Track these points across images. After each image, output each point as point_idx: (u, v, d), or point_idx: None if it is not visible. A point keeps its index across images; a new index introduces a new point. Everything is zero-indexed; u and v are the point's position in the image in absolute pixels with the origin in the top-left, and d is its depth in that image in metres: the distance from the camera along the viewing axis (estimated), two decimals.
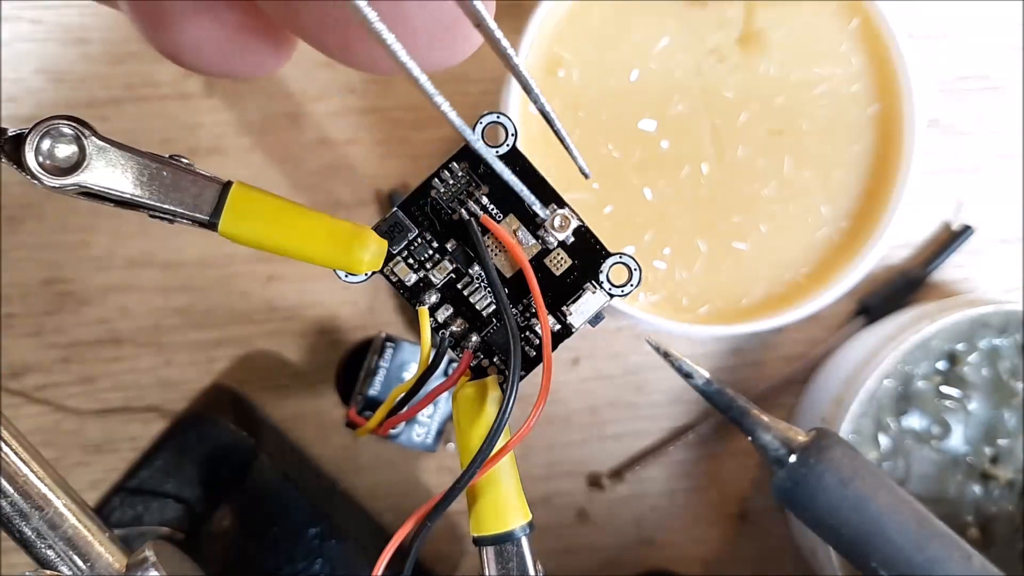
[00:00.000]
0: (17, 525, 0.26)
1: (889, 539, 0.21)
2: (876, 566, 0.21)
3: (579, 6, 0.42)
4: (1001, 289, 0.48)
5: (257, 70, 0.22)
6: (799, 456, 0.21)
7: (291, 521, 0.42)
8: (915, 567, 0.21)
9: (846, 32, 0.43)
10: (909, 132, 0.42)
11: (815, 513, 0.21)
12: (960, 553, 0.21)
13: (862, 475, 0.21)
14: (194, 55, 0.22)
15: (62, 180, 0.20)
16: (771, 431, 0.21)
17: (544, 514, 0.47)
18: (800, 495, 0.21)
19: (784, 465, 0.21)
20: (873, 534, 0.21)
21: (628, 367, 0.47)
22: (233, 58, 0.22)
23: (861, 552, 0.21)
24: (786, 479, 0.21)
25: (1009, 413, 0.42)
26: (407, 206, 0.24)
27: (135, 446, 0.45)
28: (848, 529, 0.21)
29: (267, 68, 0.23)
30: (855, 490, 0.21)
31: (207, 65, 0.22)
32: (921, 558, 0.21)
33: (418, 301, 0.24)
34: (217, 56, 0.21)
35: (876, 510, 0.21)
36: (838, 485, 0.21)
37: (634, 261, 0.24)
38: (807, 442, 0.21)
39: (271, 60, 0.22)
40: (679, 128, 0.43)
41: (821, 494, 0.21)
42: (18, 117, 0.44)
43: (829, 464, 0.21)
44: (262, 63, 0.22)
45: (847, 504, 0.21)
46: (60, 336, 0.45)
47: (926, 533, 0.21)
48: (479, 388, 0.23)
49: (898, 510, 0.21)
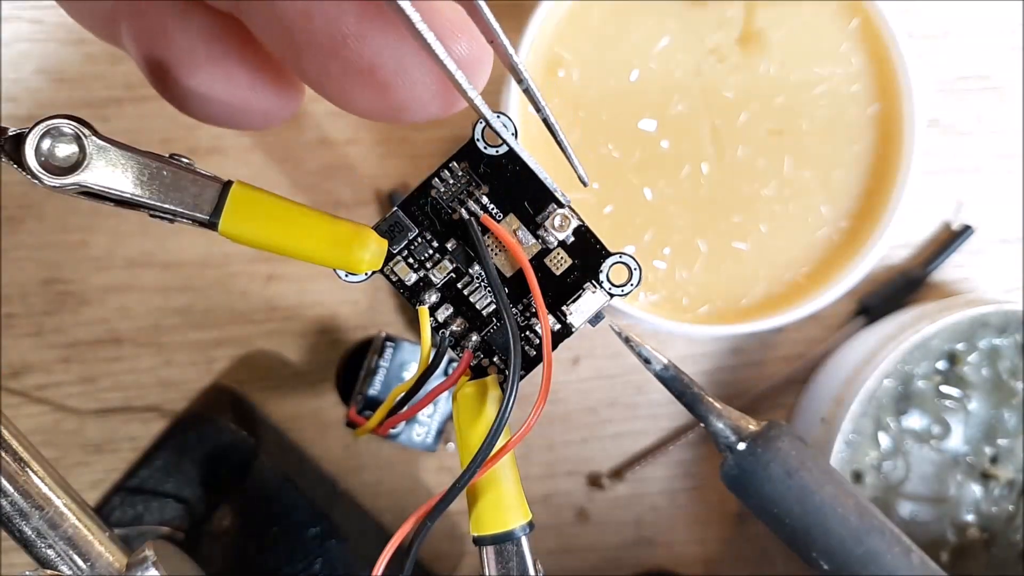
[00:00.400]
0: (17, 524, 0.26)
1: (830, 530, 0.22)
2: (817, 556, 0.21)
3: (579, 6, 0.42)
4: (1001, 289, 0.48)
5: (262, 124, 0.23)
6: (748, 444, 0.21)
7: (291, 521, 0.42)
8: (853, 560, 0.22)
9: (846, 32, 0.43)
10: (909, 132, 0.42)
11: (760, 501, 0.22)
12: (900, 548, 0.22)
13: (808, 467, 0.22)
14: (201, 108, 0.22)
15: (62, 180, 0.20)
16: (723, 418, 0.22)
17: (544, 514, 0.47)
18: (746, 482, 0.22)
19: (733, 452, 0.21)
20: (815, 525, 0.22)
21: (628, 367, 0.47)
22: (239, 112, 0.22)
23: (803, 542, 0.22)
24: (734, 466, 0.22)
25: (1009, 413, 0.42)
26: (407, 206, 0.24)
27: (135, 446, 0.45)
28: (791, 519, 0.22)
29: (272, 123, 0.23)
30: (799, 480, 0.21)
31: (214, 118, 0.22)
32: (860, 551, 0.22)
33: (418, 300, 0.24)
34: (224, 110, 0.22)
35: (819, 501, 0.21)
36: (783, 475, 0.21)
37: (634, 261, 0.24)
38: (756, 432, 0.21)
39: (276, 115, 0.23)
40: (679, 128, 0.43)
41: (767, 482, 0.21)
42: (18, 117, 0.44)
43: (776, 454, 0.22)
44: (268, 118, 0.23)
45: (791, 494, 0.21)
46: (60, 336, 0.45)
47: (867, 527, 0.21)
48: (479, 388, 0.23)
49: (841, 503, 0.21)
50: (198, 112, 0.22)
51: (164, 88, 0.22)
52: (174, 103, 0.22)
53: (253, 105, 0.22)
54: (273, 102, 0.23)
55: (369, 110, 0.20)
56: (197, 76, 0.21)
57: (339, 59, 0.19)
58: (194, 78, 0.21)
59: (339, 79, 0.20)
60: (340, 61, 0.19)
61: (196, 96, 0.22)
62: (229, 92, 0.22)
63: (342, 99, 0.20)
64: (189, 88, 0.22)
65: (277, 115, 0.23)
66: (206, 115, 0.22)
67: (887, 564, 0.21)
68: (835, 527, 0.21)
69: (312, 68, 0.20)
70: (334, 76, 0.20)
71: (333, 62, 0.19)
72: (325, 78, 0.20)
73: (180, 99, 0.22)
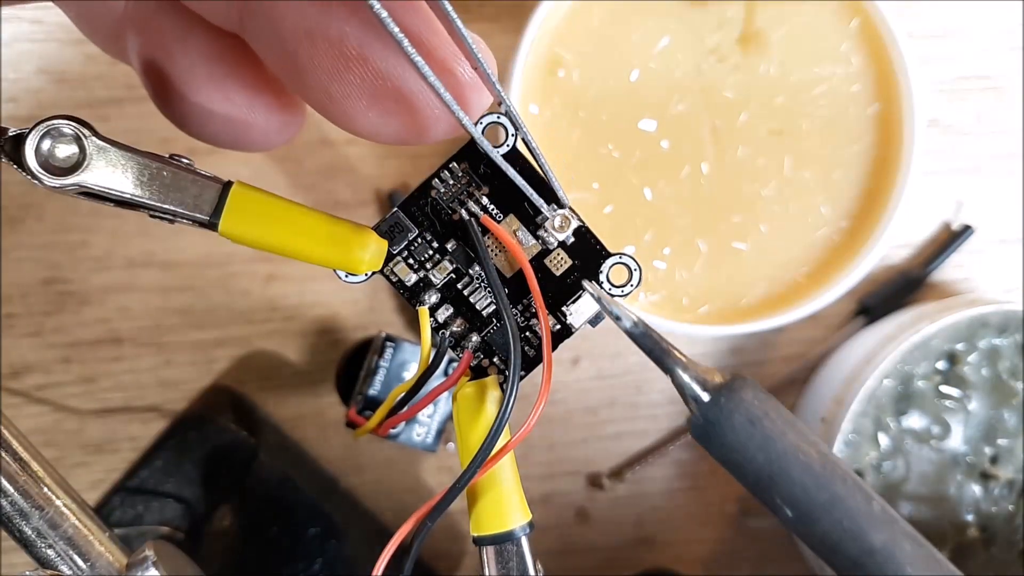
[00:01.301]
0: (17, 524, 0.26)
1: (793, 478, 0.22)
2: (781, 503, 0.22)
3: (579, 6, 0.42)
4: (1001, 289, 0.48)
5: (263, 145, 0.23)
6: (712, 395, 0.22)
7: (291, 521, 0.42)
8: (817, 506, 0.22)
9: (846, 32, 0.43)
10: (909, 132, 0.42)
11: (725, 450, 0.23)
12: (862, 495, 0.22)
13: (771, 417, 0.22)
14: (200, 127, 0.22)
15: (62, 180, 0.20)
16: (689, 371, 0.23)
17: (544, 514, 0.47)
18: (711, 432, 0.22)
19: (699, 403, 0.22)
20: (778, 472, 0.22)
21: (628, 367, 0.47)
22: (240, 132, 0.22)
23: (767, 489, 0.22)
24: (699, 416, 0.23)
25: (1009, 413, 0.42)
26: (407, 206, 0.24)
27: (135, 446, 0.45)
28: (754, 466, 0.22)
29: (273, 144, 0.23)
30: (763, 429, 0.22)
31: (214, 137, 0.22)
32: (824, 497, 0.22)
33: (418, 301, 0.24)
34: (225, 129, 0.22)
35: (782, 448, 0.22)
36: (746, 424, 0.22)
37: (634, 261, 0.24)
38: (721, 383, 0.22)
39: (277, 136, 0.23)
40: (679, 128, 0.43)
41: (730, 432, 0.22)
42: (18, 117, 0.44)
43: (739, 404, 0.22)
44: (268, 139, 0.23)
45: (754, 443, 0.22)
46: (60, 336, 0.45)
47: (829, 475, 0.22)
48: (479, 388, 0.23)
49: (803, 451, 0.22)
50: (199, 131, 0.23)
51: (165, 106, 0.22)
52: (174, 121, 0.23)
53: (253, 125, 0.22)
54: (274, 123, 0.23)
55: (372, 133, 0.21)
56: (197, 95, 0.22)
57: (342, 82, 0.19)
58: (194, 97, 0.22)
59: (342, 101, 0.20)
60: (343, 84, 0.19)
61: (196, 115, 0.22)
62: (230, 112, 0.22)
63: (345, 121, 0.20)
64: (190, 107, 0.22)
65: (278, 136, 0.23)
66: (206, 134, 0.23)
67: (849, 509, 0.22)
68: (798, 474, 0.22)
69: (315, 90, 0.20)
70: (337, 98, 0.20)
71: (336, 84, 0.19)
72: (328, 100, 0.20)
73: (180, 117, 0.22)
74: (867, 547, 0.22)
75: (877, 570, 0.22)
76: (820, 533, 0.22)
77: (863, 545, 0.22)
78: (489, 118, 0.22)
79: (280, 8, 0.19)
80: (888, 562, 0.22)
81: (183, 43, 0.21)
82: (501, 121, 0.22)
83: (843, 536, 0.22)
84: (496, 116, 0.22)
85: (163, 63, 0.21)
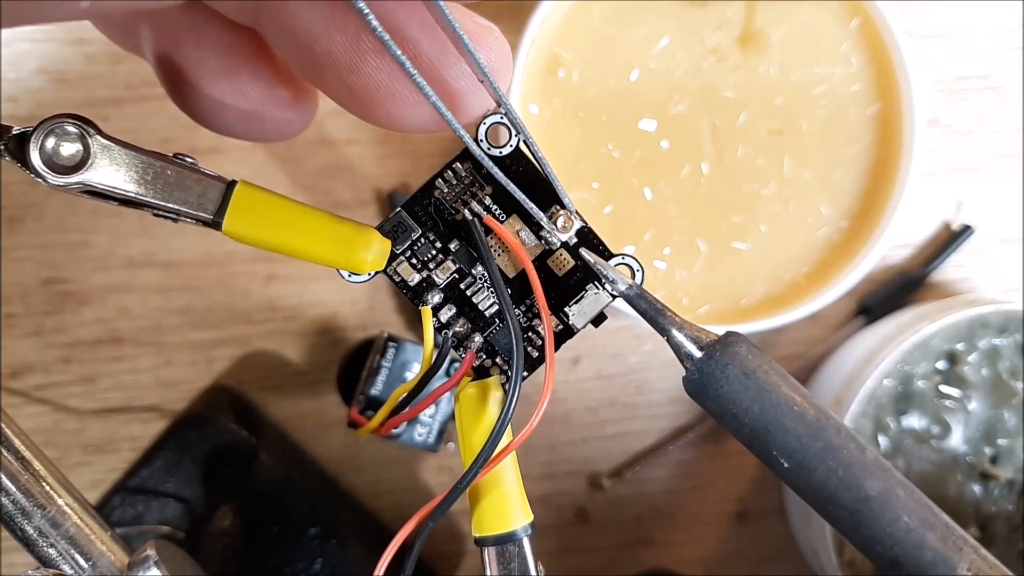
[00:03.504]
0: (19, 524, 0.26)
1: (787, 427, 0.22)
2: (776, 454, 0.22)
3: (579, 6, 0.42)
4: (1001, 289, 0.48)
5: (276, 136, 0.23)
6: (706, 351, 0.23)
7: (291, 521, 0.42)
8: (811, 455, 0.22)
9: (846, 32, 0.43)
10: (909, 132, 0.42)
11: (719, 403, 0.23)
12: (855, 445, 0.23)
13: (764, 369, 0.23)
14: (215, 119, 0.22)
15: (66, 178, 0.20)
16: (684, 330, 0.23)
17: (544, 514, 0.47)
18: (705, 385, 0.23)
19: (693, 360, 0.23)
20: (772, 421, 0.22)
21: (628, 367, 0.47)
22: (253, 123, 0.22)
23: (762, 440, 0.23)
24: (694, 371, 0.23)
25: (1009, 413, 0.42)
26: (410, 206, 0.24)
27: (135, 446, 0.45)
28: (749, 418, 0.23)
29: (286, 134, 0.23)
30: (756, 381, 0.23)
31: (228, 128, 0.22)
32: (818, 446, 0.22)
33: (421, 301, 0.24)
34: (238, 121, 0.22)
35: (775, 399, 0.22)
36: (740, 376, 0.22)
37: (636, 262, 0.24)
38: (715, 339, 0.22)
39: (290, 127, 0.23)
40: (679, 128, 0.43)
41: (724, 384, 0.23)
42: (18, 117, 0.44)
43: (733, 358, 0.23)
44: (281, 130, 0.23)
45: (748, 394, 0.22)
46: (60, 336, 0.45)
47: (823, 424, 0.23)
48: (481, 388, 0.23)
49: (797, 402, 0.22)
50: (212, 123, 0.23)
51: (179, 99, 0.23)
52: (189, 114, 0.23)
53: (267, 117, 0.22)
54: (287, 114, 0.23)
55: (391, 123, 0.21)
56: (211, 88, 0.22)
57: (360, 75, 0.19)
58: (208, 90, 0.22)
59: (360, 94, 0.20)
60: (361, 77, 0.19)
61: (210, 107, 0.22)
62: (243, 104, 0.22)
63: (363, 112, 0.20)
64: (204, 99, 0.22)
65: (291, 127, 0.23)
66: (220, 126, 0.23)
67: (844, 457, 0.22)
68: (792, 424, 0.22)
69: (333, 84, 0.20)
70: (355, 91, 0.20)
71: (354, 77, 0.19)
72: (346, 93, 0.20)
73: (195, 110, 0.22)
74: (863, 495, 0.22)
75: (873, 518, 0.22)
76: (816, 483, 0.23)
77: (858, 493, 0.22)
78: (491, 119, 0.22)
79: (295, 3, 0.19)
80: (884, 509, 0.22)
81: (197, 37, 0.21)
82: (503, 122, 0.22)
83: (839, 485, 0.22)
84: (498, 116, 0.22)
85: (177, 57, 0.22)
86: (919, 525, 0.22)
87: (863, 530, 0.23)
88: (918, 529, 0.22)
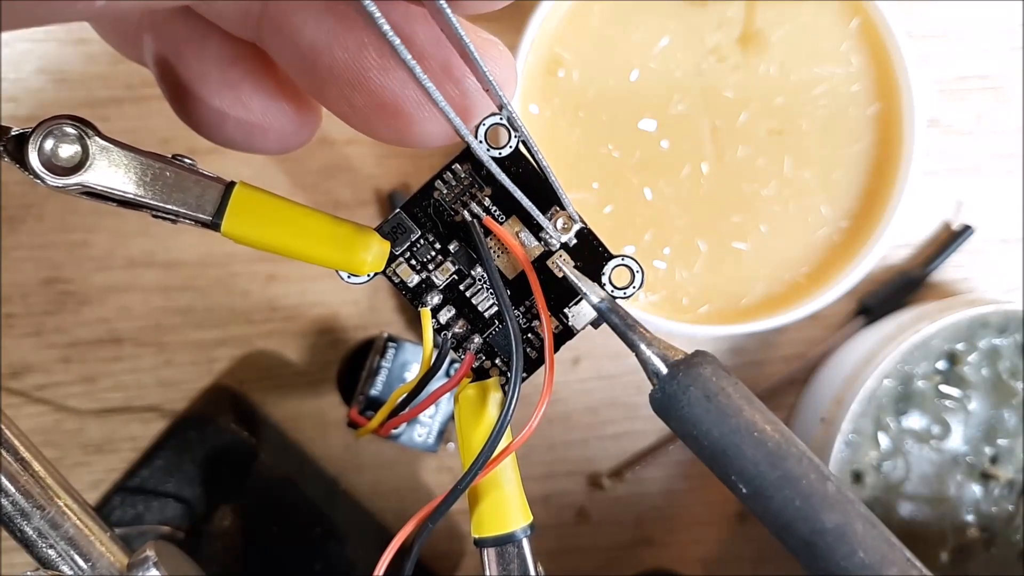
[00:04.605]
0: (19, 524, 0.26)
1: (745, 454, 0.22)
2: (735, 479, 0.22)
3: (579, 6, 0.42)
4: (1001, 289, 0.48)
5: (279, 149, 0.23)
6: (671, 370, 0.23)
7: (291, 521, 0.42)
8: (768, 483, 0.22)
9: (846, 32, 0.43)
10: (909, 132, 0.42)
11: (681, 423, 0.23)
12: (817, 475, 0.23)
13: (728, 393, 0.23)
14: (216, 130, 0.22)
15: (65, 180, 0.20)
16: (652, 346, 0.23)
17: (544, 514, 0.47)
18: (667, 405, 0.23)
19: (659, 377, 0.23)
20: (731, 446, 0.22)
21: (628, 367, 0.47)
22: (255, 136, 0.22)
23: (721, 464, 0.23)
24: (658, 390, 0.23)
25: (1009, 413, 0.42)
26: (410, 207, 0.24)
27: (135, 446, 0.45)
28: (709, 440, 0.23)
29: (288, 147, 0.23)
30: (717, 404, 0.22)
31: (230, 141, 0.22)
32: (776, 475, 0.22)
33: (420, 302, 0.24)
34: (240, 133, 0.22)
35: (735, 424, 0.22)
36: (701, 399, 0.22)
37: (636, 263, 0.24)
38: (681, 359, 0.22)
39: (293, 140, 0.23)
40: (679, 128, 0.43)
41: (686, 405, 0.23)
42: (18, 117, 0.44)
43: (696, 379, 0.23)
44: (284, 142, 0.23)
45: (708, 417, 0.22)
46: (60, 336, 0.45)
47: (783, 453, 0.22)
48: (481, 390, 0.23)
49: (758, 428, 0.22)
50: (213, 134, 0.23)
51: (181, 109, 0.23)
52: (190, 125, 0.23)
53: (269, 129, 0.22)
54: (289, 127, 0.23)
55: (394, 138, 0.21)
56: (213, 99, 0.22)
57: (363, 91, 0.19)
58: (210, 101, 0.22)
59: (363, 110, 0.20)
60: (364, 93, 0.19)
61: (212, 119, 0.22)
62: (245, 116, 0.22)
63: (367, 128, 0.21)
64: (205, 111, 0.22)
65: (294, 139, 0.23)
66: (221, 137, 0.23)
67: (802, 488, 0.22)
68: (750, 451, 0.22)
69: (336, 99, 0.20)
70: (358, 107, 0.20)
71: (357, 94, 0.19)
72: (349, 109, 0.20)
73: (196, 120, 0.22)
74: (819, 527, 0.22)
75: (827, 550, 0.22)
76: (773, 511, 0.22)
77: (815, 525, 0.22)
78: (491, 120, 0.22)
79: (299, 18, 0.19)
80: (839, 543, 0.22)
81: (199, 48, 0.21)
82: (502, 123, 0.22)
83: (795, 515, 0.22)
84: (498, 117, 0.22)
85: (179, 67, 0.22)
86: (876, 561, 0.22)
87: (819, 563, 0.22)
88: (874, 564, 0.22)
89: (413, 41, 0.19)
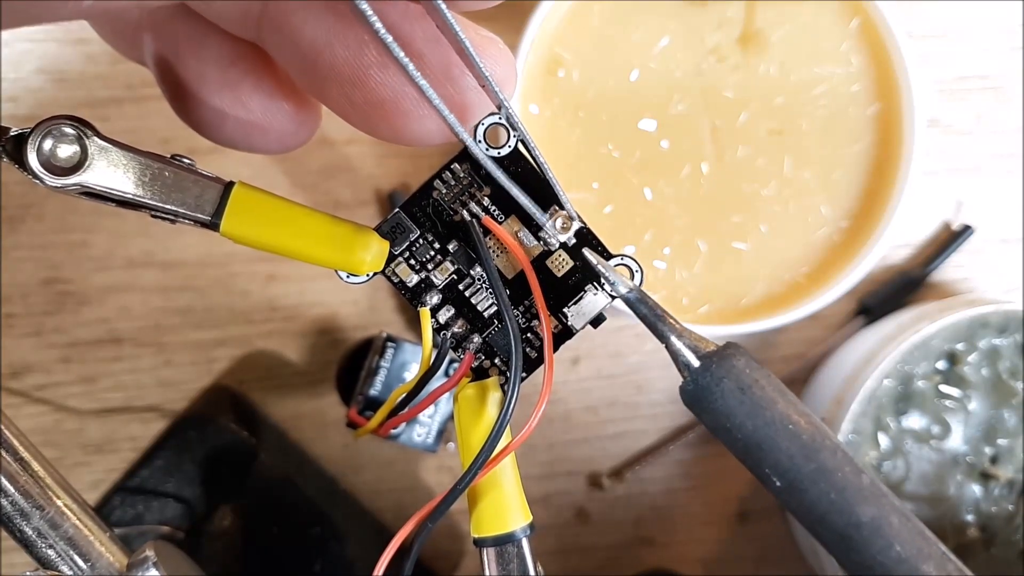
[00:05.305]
0: (18, 524, 0.26)
1: (780, 447, 0.22)
2: (769, 472, 0.22)
3: (579, 6, 0.42)
4: (1001, 289, 0.48)
5: (278, 148, 0.23)
6: (703, 361, 0.22)
7: (291, 521, 0.42)
8: (803, 476, 0.22)
9: (846, 32, 0.43)
10: (909, 132, 0.42)
11: (714, 416, 0.22)
12: (851, 468, 0.22)
13: (761, 385, 0.22)
14: (215, 130, 0.22)
15: (64, 180, 0.20)
16: (683, 338, 0.23)
17: (544, 514, 0.47)
18: (701, 397, 0.22)
19: (690, 369, 0.23)
20: (765, 439, 0.22)
21: (628, 367, 0.47)
22: (255, 136, 0.22)
23: (755, 457, 0.22)
24: (690, 382, 0.23)
25: (1009, 413, 0.42)
26: (409, 207, 0.24)
27: (135, 446, 0.45)
28: (743, 434, 0.22)
29: (288, 147, 0.23)
30: (752, 396, 0.22)
31: (229, 140, 0.22)
32: (810, 467, 0.22)
33: (420, 302, 0.24)
34: (239, 133, 0.22)
35: (770, 417, 0.22)
36: (736, 391, 0.22)
37: (636, 263, 0.24)
38: (714, 350, 0.22)
39: (293, 139, 0.23)
40: (679, 128, 0.43)
41: (720, 398, 0.22)
42: (18, 117, 0.44)
43: (730, 371, 0.22)
44: (284, 142, 0.23)
45: (743, 409, 0.22)
46: (60, 336, 0.45)
47: (818, 445, 0.22)
48: (480, 389, 0.23)
49: (792, 421, 0.22)
50: (213, 133, 0.23)
51: (181, 109, 0.23)
52: (190, 124, 0.23)
53: (269, 129, 0.22)
54: (289, 126, 0.23)
55: (394, 136, 0.21)
56: (213, 99, 0.22)
57: (363, 89, 0.19)
58: (210, 101, 0.22)
59: (363, 108, 0.20)
60: (364, 91, 0.19)
61: (212, 119, 0.22)
62: (245, 116, 0.22)
63: (367, 126, 0.20)
64: (205, 111, 0.22)
65: (293, 139, 0.23)
66: (221, 137, 0.23)
67: (837, 481, 0.22)
68: (785, 443, 0.22)
69: (337, 97, 0.20)
70: (359, 105, 0.20)
71: (357, 91, 0.19)
72: (349, 107, 0.20)
73: (195, 120, 0.22)
74: (854, 520, 0.22)
75: (863, 544, 0.22)
76: (808, 504, 0.22)
77: (850, 518, 0.22)
78: (490, 119, 0.22)
79: (299, 17, 0.19)
80: (875, 536, 0.22)
81: (199, 48, 0.21)
82: (501, 123, 0.22)
83: (830, 508, 0.22)
84: (497, 117, 0.22)
85: (178, 67, 0.22)
86: (912, 555, 0.22)
87: (853, 555, 0.22)
88: (911, 559, 0.22)
89: (412, 40, 0.19)
